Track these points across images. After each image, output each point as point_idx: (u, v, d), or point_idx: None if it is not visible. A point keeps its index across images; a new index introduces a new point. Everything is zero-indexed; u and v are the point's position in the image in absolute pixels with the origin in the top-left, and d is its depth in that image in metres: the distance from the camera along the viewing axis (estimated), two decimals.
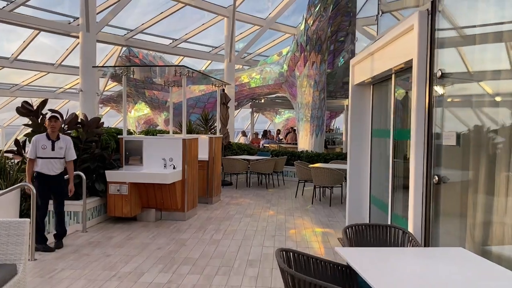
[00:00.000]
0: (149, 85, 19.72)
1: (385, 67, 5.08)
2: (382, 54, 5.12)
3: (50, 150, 5.80)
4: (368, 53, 5.62)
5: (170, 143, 7.82)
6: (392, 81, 5.27)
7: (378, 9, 5.34)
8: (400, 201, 5.15)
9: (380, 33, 5.26)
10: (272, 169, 12.03)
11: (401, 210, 5.16)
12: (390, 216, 5.32)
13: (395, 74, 5.23)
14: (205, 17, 17.06)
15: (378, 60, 5.34)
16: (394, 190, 5.28)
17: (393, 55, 4.72)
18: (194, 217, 8.05)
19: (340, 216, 8.38)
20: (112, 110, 24.65)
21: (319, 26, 12.74)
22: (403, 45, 4.36)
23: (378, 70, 5.35)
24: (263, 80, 16.36)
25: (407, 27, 4.13)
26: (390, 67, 4.86)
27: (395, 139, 5.25)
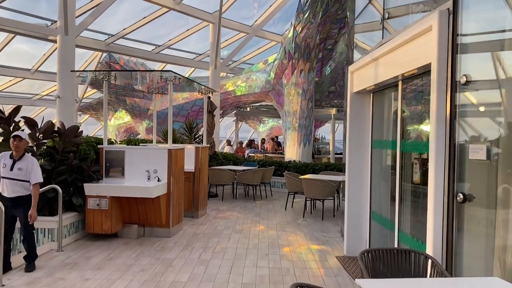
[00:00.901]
0: (130, 92, 19.08)
1: (392, 73, 4.69)
2: (389, 60, 4.74)
3: (8, 170, 5.21)
4: (371, 59, 5.24)
5: (154, 153, 7.29)
6: (399, 88, 4.89)
7: (384, 13, 4.97)
8: (409, 219, 4.75)
9: (386, 37, 4.89)
10: (260, 180, 11.56)
11: (410, 228, 4.75)
12: (397, 234, 4.91)
13: (402, 81, 4.86)
14: (189, 23, 16.59)
15: (383, 66, 4.96)
16: (402, 207, 4.87)
17: (403, 60, 4.33)
18: (180, 233, 7.50)
19: (334, 231, 7.96)
20: (91, 118, 23.86)
21: (307, 33, 12.40)
22: (417, 48, 3.97)
23: (384, 77, 4.96)
24: (249, 88, 15.94)
25: (424, 29, 3.74)
26: (399, 73, 4.47)
27: (403, 151, 4.85)
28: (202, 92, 9.43)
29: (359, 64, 5.87)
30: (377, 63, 5.14)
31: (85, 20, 11.46)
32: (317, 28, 12.24)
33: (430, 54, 3.64)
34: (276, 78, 14.04)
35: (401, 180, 4.86)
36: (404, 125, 4.87)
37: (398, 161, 4.90)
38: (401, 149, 4.87)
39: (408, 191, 4.76)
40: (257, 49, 18.91)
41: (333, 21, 12.34)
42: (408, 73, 4.35)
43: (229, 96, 17.05)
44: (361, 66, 5.81)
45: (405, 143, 4.78)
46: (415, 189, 4.71)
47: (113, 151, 7.34)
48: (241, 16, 16.44)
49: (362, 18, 6.29)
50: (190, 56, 18.28)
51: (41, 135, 6.50)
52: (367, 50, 5.81)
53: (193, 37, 17.64)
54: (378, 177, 6.04)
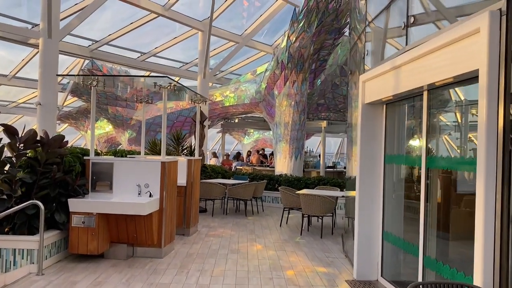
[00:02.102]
0: (113, 101, 18.40)
1: (419, 82, 4.28)
2: (415, 67, 4.33)
3: None
4: (391, 67, 4.83)
5: (146, 166, 6.71)
6: (425, 99, 4.48)
7: (408, 18, 4.57)
8: (439, 244, 4.31)
9: (411, 43, 4.49)
10: (252, 195, 11.04)
11: (439, 254, 4.31)
12: (422, 260, 4.46)
13: (428, 91, 4.46)
14: (176, 31, 16.09)
15: (407, 75, 4.55)
16: (429, 229, 4.43)
17: (436, 67, 3.92)
18: (172, 254, 6.91)
19: (336, 251, 7.48)
20: (70, 127, 23.00)
21: (302, 43, 12.05)
22: (456, 53, 3.56)
23: (407, 86, 4.55)
24: (238, 99, 15.47)
25: (468, 32, 3.34)
26: (430, 82, 4.05)
27: (429, 167, 4.43)
28: (196, 101, 8.90)
29: (374, 73, 5.47)
30: (398, 71, 4.74)
31: (70, 23, 10.83)
32: (311, 38, 11.90)
33: (476, 60, 3.24)
34: (267, 89, 13.62)
35: (428, 200, 4.43)
36: (431, 139, 4.46)
37: (423, 179, 4.47)
38: (427, 165, 4.45)
39: (439, 212, 4.33)
40: (246, 59, 18.50)
41: (327, 32, 12.02)
42: (441, 82, 3.94)
43: (217, 107, 16.55)
44: (376, 75, 5.41)
45: (433, 159, 4.36)
46: (447, 209, 4.29)
47: (100, 163, 6.73)
48: (230, 25, 16.02)
49: (375, 25, 5.91)
50: (176, 65, 17.75)
51: (22, 145, 5.86)
52: (382, 59, 5.41)
53: (180, 45, 17.15)
54: (393, 194, 5.62)
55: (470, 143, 3.94)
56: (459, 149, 4.17)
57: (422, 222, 4.47)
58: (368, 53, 5.94)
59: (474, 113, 3.80)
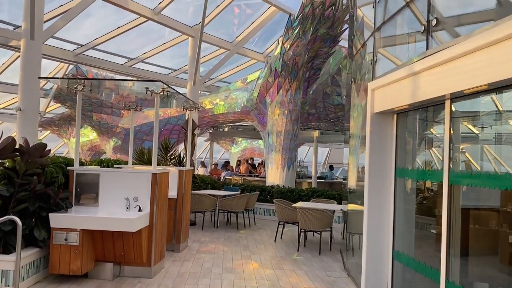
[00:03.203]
0: (98, 107, 17.75)
1: (442, 90, 3.90)
2: (439, 74, 3.95)
3: None
4: (408, 74, 4.45)
5: (135, 178, 6.20)
6: (447, 108, 4.10)
7: (428, 22, 4.20)
8: (464, 268, 3.91)
9: (434, 47, 4.11)
10: (244, 207, 10.56)
11: (464, 279, 3.91)
12: (445, 285, 4.04)
13: (451, 100, 4.08)
14: (165, 37, 15.64)
15: (428, 82, 4.17)
16: (452, 252, 4.02)
17: (466, 74, 3.54)
18: (162, 273, 6.38)
19: (337, 269, 7.05)
20: (52, 135, 22.20)
21: (296, 50, 11.69)
22: (494, 57, 3.18)
23: (427, 94, 4.17)
24: (229, 107, 15.03)
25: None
26: (457, 89, 3.67)
27: (452, 183, 4.04)
28: (187, 109, 8.43)
29: (385, 81, 5.09)
30: (417, 78, 4.36)
31: (55, 24, 10.28)
32: (306, 45, 11.55)
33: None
34: (259, 97, 13.21)
35: (452, 219, 4.03)
36: (454, 153, 4.08)
37: (446, 196, 4.07)
38: (449, 181, 4.05)
39: (465, 233, 3.93)
40: (236, 67, 18.10)
41: (323, 39, 11.70)
42: (471, 89, 3.56)
43: (206, 115, 16.07)
44: (387, 83, 5.03)
45: (458, 174, 3.96)
46: (474, 229, 3.89)
47: (85, 174, 6.20)
48: (221, 32, 15.62)
49: (385, 30, 5.54)
50: (164, 72, 17.26)
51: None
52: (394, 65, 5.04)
53: (169, 52, 16.71)
54: (405, 211, 5.22)
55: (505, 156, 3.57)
56: (490, 164, 3.80)
57: (444, 244, 4.05)
58: (377, 60, 5.57)
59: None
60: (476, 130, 4.05)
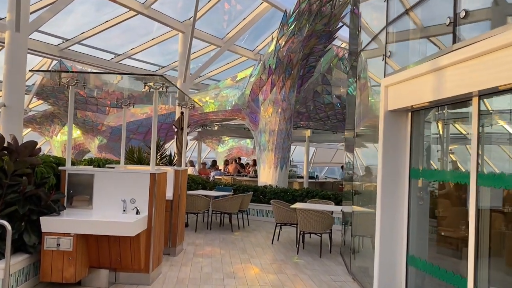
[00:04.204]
0: (82, 104, 17.20)
1: (472, 86, 3.66)
2: (467, 68, 3.71)
3: None
4: (431, 69, 4.21)
5: (132, 178, 5.83)
6: (475, 105, 3.87)
7: (456, 14, 3.95)
8: (495, 276, 3.68)
9: (462, 41, 3.87)
10: (238, 208, 10.24)
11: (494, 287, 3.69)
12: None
13: (479, 97, 3.85)
14: (154, 32, 15.19)
15: (453, 77, 3.93)
16: (481, 258, 3.79)
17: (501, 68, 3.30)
18: (160, 279, 6.02)
19: (341, 272, 6.80)
20: (33, 132, 21.48)
21: (291, 47, 11.41)
22: None
23: (453, 91, 3.93)
24: (219, 105, 14.67)
25: None
26: (491, 86, 3.43)
27: (480, 185, 3.80)
28: (183, 106, 8.08)
29: (401, 77, 4.84)
30: (441, 74, 4.11)
31: (41, 16, 9.76)
32: (302, 42, 11.29)
33: None
34: (251, 95, 12.90)
35: (480, 223, 3.80)
36: (483, 153, 3.84)
37: (473, 198, 3.84)
38: (477, 183, 3.81)
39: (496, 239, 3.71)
40: (226, 64, 17.75)
41: (318, 36, 11.46)
42: (506, 86, 3.32)
43: (195, 113, 15.64)
44: (404, 79, 4.79)
45: (488, 176, 3.73)
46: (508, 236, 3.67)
47: (79, 174, 5.80)
48: (211, 28, 15.25)
49: (398, 25, 5.30)
50: (152, 68, 16.80)
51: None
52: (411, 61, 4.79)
53: (157, 48, 16.27)
54: (421, 214, 4.98)
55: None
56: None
57: (472, 250, 3.82)
58: (390, 55, 5.32)
59: None
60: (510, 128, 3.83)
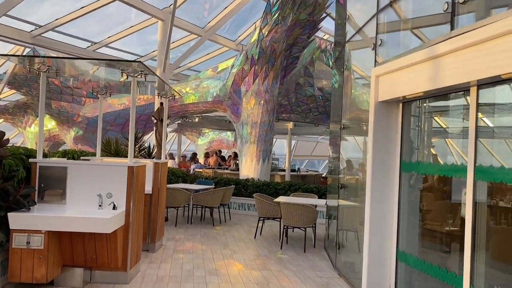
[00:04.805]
0: (57, 94, 16.60)
1: (472, 75, 3.47)
2: (468, 56, 3.51)
3: None
4: (428, 57, 4.00)
5: (109, 171, 5.49)
6: (473, 96, 3.68)
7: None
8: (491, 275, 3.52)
9: (460, 27, 3.67)
10: (220, 202, 9.97)
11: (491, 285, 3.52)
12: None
13: (478, 86, 3.66)
14: (132, 20, 14.69)
15: (451, 66, 3.73)
16: (477, 256, 3.63)
17: (503, 55, 3.11)
18: (139, 277, 5.72)
19: (326, 268, 6.62)
20: (6, 123, 20.71)
21: (275, 37, 11.14)
22: None
23: (452, 80, 3.73)
24: (200, 97, 14.31)
25: None
26: (493, 74, 3.24)
27: (477, 180, 3.62)
28: (163, 96, 7.74)
29: (393, 66, 4.63)
30: (438, 63, 3.91)
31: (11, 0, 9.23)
32: (285, 32, 11.03)
33: None
34: (233, 86, 12.58)
35: (476, 219, 3.62)
36: (482, 145, 3.66)
37: (470, 193, 3.66)
38: (475, 177, 3.64)
39: (494, 235, 3.54)
40: (206, 55, 17.35)
41: (302, 26, 11.21)
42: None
43: (175, 104, 15.25)
44: (396, 68, 4.58)
45: (487, 169, 3.55)
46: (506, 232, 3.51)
47: (51, 167, 5.43)
48: (191, 16, 14.82)
49: (389, 13, 5.09)
50: (130, 58, 16.28)
51: None
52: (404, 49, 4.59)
53: (135, 37, 15.77)
54: (413, 208, 4.81)
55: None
56: None
57: (469, 248, 3.65)
58: (381, 43, 5.11)
59: None
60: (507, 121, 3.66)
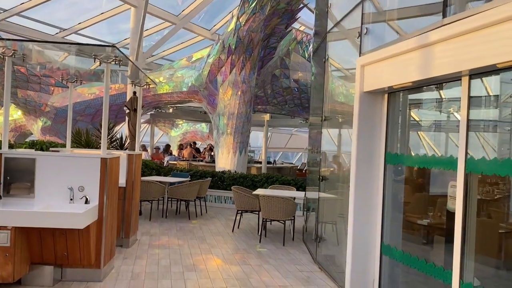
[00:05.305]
0: (24, 83, 15.87)
1: (464, 64, 3.36)
2: (461, 44, 3.40)
3: None
4: (418, 46, 3.87)
5: (81, 163, 5.18)
6: (464, 85, 3.58)
7: None
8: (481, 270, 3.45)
9: (455, 15, 3.54)
10: (196, 195, 9.73)
11: (481, 279, 3.45)
12: (459, 287, 3.57)
13: (470, 76, 3.56)
14: (103, 6, 14.15)
15: (443, 55, 3.62)
16: (467, 250, 3.54)
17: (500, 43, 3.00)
18: (113, 274, 5.45)
19: (306, 261, 6.51)
20: None
21: (252, 26, 10.90)
22: None
23: (442, 70, 3.62)
24: (174, 86, 13.94)
25: None
26: (491, 62, 3.13)
27: (469, 172, 3.53)
28: (137, 84, 7.41)
29: (381, 55, 4.49)
30: (428, 51, 3.78)
31: None
32: (263, 21, 10.80)
33: None
34: (209, 76, 12.29)
35: (466, 213, 3.54)
36: (473, 137, 3.57)
37: (461, 186, 3.57)
38: (466, 169, 3.54)
39: (485, 229, 3.46)
40: (180, 44, 16.93)
41: (280, 16, 11.01)
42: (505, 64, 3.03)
43: (148, 94, 14.82)
44: (384, 57, 4.44)
45: (479, 161, 3.45)
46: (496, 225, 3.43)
47: (17, 159, 5.08)
48: (165, 3, 14.38)
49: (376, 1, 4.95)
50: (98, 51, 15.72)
51: None
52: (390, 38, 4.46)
53: (106, 24, 15.22)
54: (398, 201, 4.72)
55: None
56: None
57: (459, 242, 3.56)
58: (367, 32, 4.96)
59: None
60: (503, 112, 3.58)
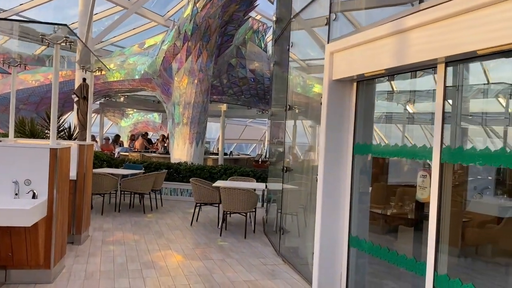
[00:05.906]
0: None
1: (443, 51, 3.26)
2: (437, 30, 3.30)
3: None
4: (393, 32, 3.75)
5: (26, 154, 4.71)
6: (440, 73, 3.49)
7: None
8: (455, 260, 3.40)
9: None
10: (151, 187, 9.33)
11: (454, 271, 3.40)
12: (434, 279, 3.51)
13: (446, 63, 3.47)
14: None
15: (419, 41, 3.51)
16: (442, 242, 3.48)
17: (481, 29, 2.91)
18: (65, 275, 5.03)
19: (269, 254, 6.35)
20: None
21: (210, 12, 10.53)
22: None
23: (418, 57, 3.51)
24: (126, 74, 13.30)
25: None
26: (471, 49, 3.04)
27: (445, 161, 3.46)
28: (88, 69, 6.90)
29: (351, 41, 4.34)
30: (403, 37, 3.67)
31: None
32: (221, 7, 10.46)
33: None
34: (164, 63, 11.81)
35: (442, 204, 3.47)
36: (449, 126, 3.50)
37: (437, 176, 3.50)
38: (441, 159, 3.47)
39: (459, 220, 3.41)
40: (132, 29, 16.20)
41: (238, 2, 10.70)
42: (490, 49, 2.95)
43: (97, 82, 14.08)
44: (355, 44, 4.29)
45: (455, 151, 3.39)
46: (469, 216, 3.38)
47: None
48: None
49: None
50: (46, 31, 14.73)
51: None
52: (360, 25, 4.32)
53: (52, 6, 14.26)
54: (366, 192, 4.62)
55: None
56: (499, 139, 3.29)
57: (434, 234, 3.49)
58: (336, 18, 4.80)
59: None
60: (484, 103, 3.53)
